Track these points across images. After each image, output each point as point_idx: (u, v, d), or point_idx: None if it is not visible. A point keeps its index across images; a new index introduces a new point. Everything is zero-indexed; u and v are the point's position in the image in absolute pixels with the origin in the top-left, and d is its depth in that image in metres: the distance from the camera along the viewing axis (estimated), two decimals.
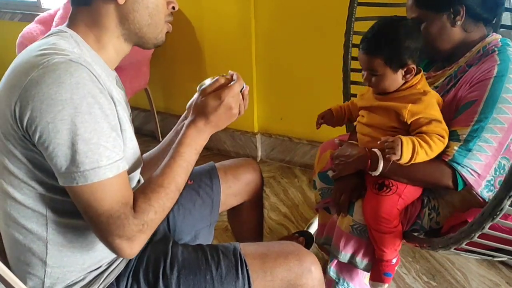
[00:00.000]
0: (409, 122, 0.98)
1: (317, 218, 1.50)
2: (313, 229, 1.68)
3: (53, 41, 0.75)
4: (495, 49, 1.02)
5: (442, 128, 0.97)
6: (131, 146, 0.83)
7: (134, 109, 2.53)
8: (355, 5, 1.43)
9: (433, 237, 1.08)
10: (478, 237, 0.90)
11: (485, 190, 0.98)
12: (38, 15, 2.28)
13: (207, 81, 0.90)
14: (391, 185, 1.03)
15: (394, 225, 1.04)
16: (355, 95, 1.46)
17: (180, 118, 1.04)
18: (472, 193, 1.01)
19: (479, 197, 1.00)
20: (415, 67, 1.00)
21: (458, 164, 0.96)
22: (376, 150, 1.02)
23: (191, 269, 0.88)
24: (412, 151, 0.93)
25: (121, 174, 0.73)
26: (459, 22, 1.02)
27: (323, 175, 1.30)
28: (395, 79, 1.01)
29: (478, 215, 0.87)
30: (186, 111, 1.00)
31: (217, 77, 0.87)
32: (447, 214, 1.09)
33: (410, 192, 1.05)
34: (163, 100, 2.48)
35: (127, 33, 0.82)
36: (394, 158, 0.93)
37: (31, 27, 2.16)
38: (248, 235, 1.32)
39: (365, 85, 1.08)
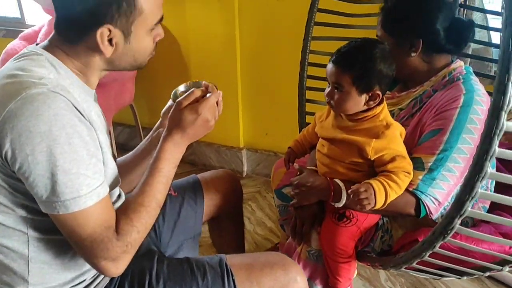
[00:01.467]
0: (372, 159, 0.96)
1: None
2: None
3: (29, 67, 0.74)
4: (460, 77, 1.03)
5: (407, 162, 0.95)
6: (111, 167, 0.83)
7: (119, 125, 2.52)
8: (312, 24, 1.46)
9: (385, 256, 1.09)
10: (428, 256, 0.90)
11: (439, 215, 0.99)
12: (22, 31, 2.26)
13: (181, 88, 0.91)
14: (351, 216, 1.00)
15: (350, 255, 1.04)
16: (310, 113, 1.50)
17: (155, 126, 1.05)
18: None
19: (430, 220, 1.00)
20: (380, 95, 0.96)
21: (422, 193, 0.96)
22: (338, 181, 1.00)
23: (177, 281, 0.88)
24: (385, 196, 0.92)
25: (102, 200, 0.74)
26: (413, 54, 1.03)
27: (279, 192, 1.30)
28: (358, 102, 0.96)
29: (429, 234, 0.87)
30: (160, 119, 1.01)
31: (192, 88, 0.88)
32: (399, 236, 1.09)
33: (368, 223, 1.04)
34: (148, 115, 2.47)
35: (111, 69, 0.84)
36: (368, 207, 0.92)
37: (15, 44, 2.15)
38: (228, 246, 1.32)
39: (325, 102, 1.02)
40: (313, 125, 1.15)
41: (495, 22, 1.51)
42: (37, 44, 0.82)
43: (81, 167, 0.70)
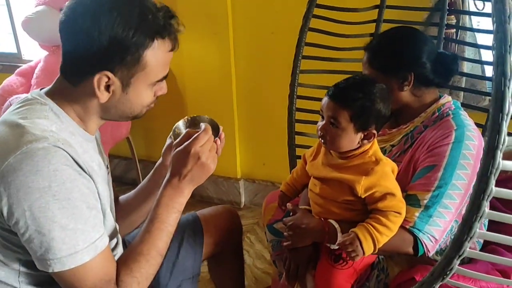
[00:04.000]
0: (363, 197, 0.94)
1: None
2: None
3: (32, 118, 0.73)
4: (450, 112, 1.04)
5: (398, 200, 0.93)
6: (109, 219, 0.82)
7: (116, 157, 2.50)
8: (300, 58, 1.47)
9: None
10: None
11: (433, 252, 0.97)
12: (18, 66, 2.28)
13: (180, 124, 0.90)
14: (347, 258, 0.97)
15: None
16: (299, 146, 1.49)
17: (156, 165, 1.03)
18: None
19: (427, 257, 0.98)
20: (375, 134, 0.95)
21: (420, 230, 0.94)
22: (333, 222, 0.97)
23: None
24: (373, 242, 0.90)
25: (102, 253, 0.73)
26: (406, 88, 1.04)
27: (271, 227, 1.27)
28: (353, 140, 0.94)
29: (427, 275, 0.85)
30: (161, 158, 0.99)
31: (187, 130, 0.87)
32: (395, 274, 1.06)
33: (365, 263, 1.02)
34: (145, 148, 2.46)
35: (107, 118, 0.84)
36: (357, 258, 0.90)
37: (11, 80, 2.16)
38: (229, 283, 1.29)
39: (315, 135, 1.01)
40: (302, 165, 1.13)
41: (489, 54, 1.53)
42: (41, 89, 0.82)
43: (79, 222, 0.69)
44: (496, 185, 0.70)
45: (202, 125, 0.85)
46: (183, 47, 2.25)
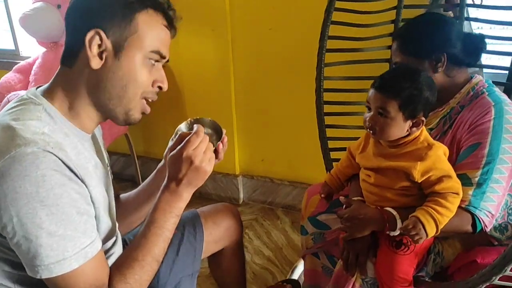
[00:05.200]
0: (419, 181, 0.96)
1: (302, 262, 1.47)
2: (297, 272, 1.65)
3: (24, 119, 0.72)
4: (484, 90, 1.06)
5: (454, 181, 0.95)
6: (105, 221, 0.81)
7: (114, 154, 2.50)
8: (324, 52, 1.46)
9: (439, 279, 1.07)
10: (498, 280, 0.89)
11: (492, 228, 1.00)
12: (16, 63, 2.28)
13: (182, 126, 0.89)
14: (409, 243, 0.98)
15: (410, 282, 1.01)
16: (331, 138, 1.48)
17: (158, 166, 1.03)
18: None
19: (483, 235, 1.00)
20: (424, 121, 0.98)
21: (476, 208, 0.96)
22: (391, 210, 0.99)
23: None
24: (435, 224, 0.91)
25: (93, 258, 0.72)
26: (440, 69, 1.06)
27: (313, 219, 1.26)
28: (402, 128, 0.97)
29: (499, 257, 0.87)
30: (163, 160, 0.99)
31: (180, 133, 0.86)
32: (450, 256, 1.08)
33: (425, 246, 1.03)
34: (143, 144, 2.47)
35: (97, 102, 0.80)
36: (421, 241, 0.92)
37: (9, 76, 2.15)
38: (230, 281, 1.28)
39: (364, 126, 1.02)
40: (347, 157, 1.16)
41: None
42: (38, 87, 0.81)
43: (68, 228, 0.68)
44: None
45: (195, 127, 0.83)
46: (182, 43, 2.27)
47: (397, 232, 0.97)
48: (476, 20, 1.37)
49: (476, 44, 1.09)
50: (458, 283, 0.98)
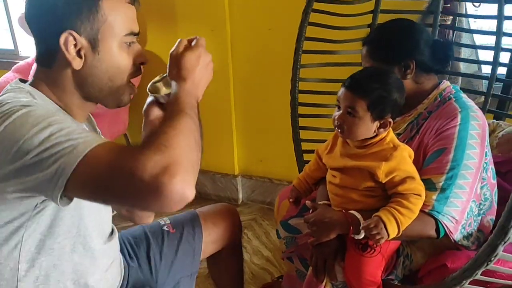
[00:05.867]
0: (383, 181, 0.96)
1: None
2: None
3: (14, 98, 0.72)
4: (451, 96, 1.07)
5: (417, 183, 0.96)
6: (100, 208, 0.82)
7: None
8: (300, 53, 1.48)
9: (408, 282, 1.07)
10: (468, 284, 0.90)
11: (460, 235, 0.99)
12: (15, 63, 2.28)
13: (157, 78, 0.88)
14: (375, 245, 0.99)
15: (378, 285, 1.02)
16: (304, 140, 1.50)
17: (143, 125, 0.93)
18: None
19: (450, 240, 1.00)
20: (391, 123, 0.98)
21: (439, 213, 0.96)
22: (355, 213, 0.99)
23: None
24: (397, 225, 0.92)
25: (109, 142, 0.66)
26: (409, 76, 1.07)
27: (285, 223, 1.27)
28: (369, 128, 0.97)
29: (470, 261, 0.87)
30: (144, 118, 0.90)
31: (165, 74, 0.84)
32: (419, 259, 1.08)
33: (391, 249, 1.03)
34: None
35: (87, 96, 0.81)
36: (382, 241, 0.92)
37: (8, 76, 2.16)
38: (228, 282, 1.29)
39: (333, 124, 1.02)
40: (315, 160, 1.16)
41: (484, 54, 1.55)
42: (20, 80, 0.81)
43: (76, 132, 0.65)
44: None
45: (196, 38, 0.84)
46: None
47: (361, 235, 0.97)
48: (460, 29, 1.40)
49: (445, 51, 1.10)
50: (429, 286, 0.98)
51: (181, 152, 0.61)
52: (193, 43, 0.82)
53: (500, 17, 1.32)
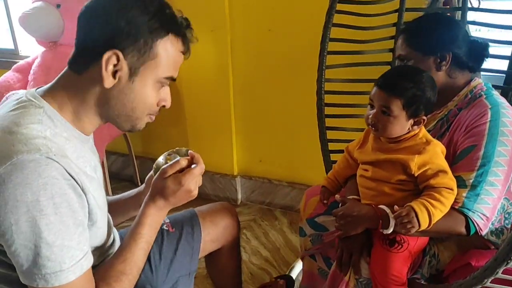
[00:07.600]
0: (416, 174, 0.97)
1: (300, 263, 1.47)
2: (295, 272, 1.65)
3: (25, 123, 0.71)
4: (482, 93, 1.06)
5: (449, 178, 0.96)
6: (101, 226, 0.83)
7: (113, 153, 2.50)
8: (325, 54, 1.46)
9: (435, 281, 1.06)
10: (490, 282, 0.89)
11: (488, 232, 0.99)
12: (15, 62, 2.27)
13: (161, 159, 0.91)
14: (402, 241, 0.99)
15: (403, 282, 1.02)
16: (331, 140, 1.49)
17: (138, 189, 1.04)
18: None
19: (480, 239, 1.00)
20: (425, 120, 1.00)
21: (469, 210, 0.96)
22: (384, 207, 0.99)
23: None
24: (428, 216, 0.92)
25: (86, 272, 0.73)
26: (444, 68, 1.07)
27: (311, 221, 1.27)
28: (404, 126, 0.99)
29: (491, 260, 0.87)
30: (144, 185, 1.00)
31: (177, 158, 0.88)
32: (446, 259, 1.08)
33: (419, 246, 1.03)
34: (142, 144, 2.47)
35: (104, 114, 0.82)
36: (413, 230, 0.92)
37: (8, 76, 2.15)
38: (226, 281, 1.29)
39: (366, 122, 1.03)
40: (345, 158, 1.17)
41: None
42: (38, 88, 0.80)
43: (66, 238, 0.69)
44: None
45: (195, 156, 0.89)
46: None
47: (390, 230, 0.97)
48: (474, 23, 1.38)
49: (481, 51, 1.10)
50: (451, 285, 0.98)
51: (136, 276, 0.82)
52: (193, 166, 0.87)
53: None
